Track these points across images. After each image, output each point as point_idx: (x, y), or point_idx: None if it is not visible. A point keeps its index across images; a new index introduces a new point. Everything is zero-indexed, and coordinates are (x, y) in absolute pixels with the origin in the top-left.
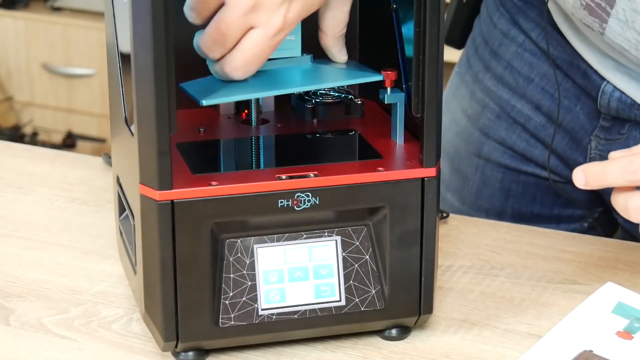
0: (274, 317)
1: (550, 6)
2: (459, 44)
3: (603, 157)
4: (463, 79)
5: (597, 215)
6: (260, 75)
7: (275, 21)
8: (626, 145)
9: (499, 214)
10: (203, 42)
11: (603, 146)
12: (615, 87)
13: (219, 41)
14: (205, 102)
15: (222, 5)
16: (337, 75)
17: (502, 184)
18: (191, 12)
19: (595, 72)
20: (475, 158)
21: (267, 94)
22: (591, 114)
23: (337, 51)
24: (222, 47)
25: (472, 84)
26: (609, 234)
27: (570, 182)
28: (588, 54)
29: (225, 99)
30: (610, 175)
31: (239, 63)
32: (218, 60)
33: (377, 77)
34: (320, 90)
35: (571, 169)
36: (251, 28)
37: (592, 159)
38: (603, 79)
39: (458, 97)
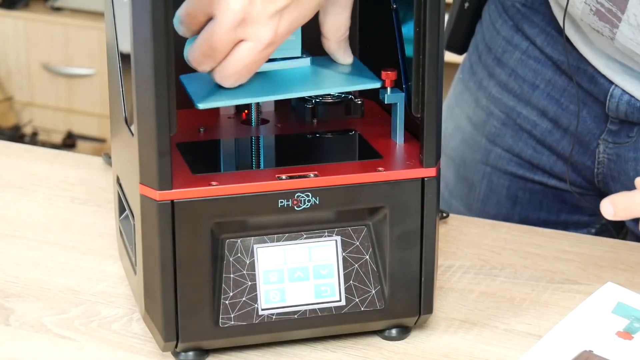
0: (274, 317)
1: (556, 11)
2: (460, 50)
3: (611, 160)
4: (467, 85)
5: (604, 220)
6: (260, 78)
7: (265, 35)
8: (635, 148)
9: (506, 221)
10: (193, 55)
11: (611, 149)
12: (623, 90)
13: (209, 55)
14: (201, 106)
15: (211, 18)
16: (336, 80)
17: (509, 192)
18: (180, 25)
19: (603, 76)
20: (482, 165)
21: (265, 99)
22: (598, 117)
23: (342, 55)
24: (212, 60)
25: (477, 91)
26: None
27: (579, 187)
28: (595, 58)
29: (223, 102)
30: (639, 206)
31: (229, 73)
32: (209, 72)
33: (375, 84)
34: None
35: (579, 174)
36: (241, 41)
37: (600, 163)
38: (611, 82)
39: (462, 104)
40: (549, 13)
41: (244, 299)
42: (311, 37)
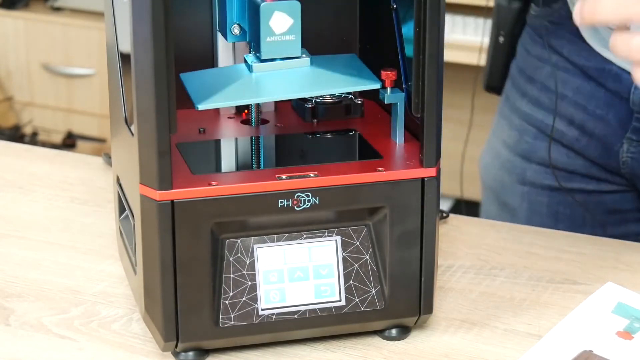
0: (274, 317)
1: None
2: (499, 90)
3: (634, 159)
4: (502, 112)
5: None
6: (260, 78)
7: None
8: None
9: None
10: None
11: (635, 148)
12: None
13: None
14: (201, 107)
15: None
16: (336, 80)
17: (550, 209)
18: None
19: (626, 72)
20: (520, 186)
21: (265, 99)
22: (623, 119)
23: None
24: None
25: (510, 115)
26: None
27: (614, 184)
28: (614, 56)
29: (223, 103)
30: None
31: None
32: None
33: (375, 85)
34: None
35: (610, 173)
36: None
37: (624, 163)
38: None
39: (498, 132)
40: (572, 24)
41: (244, 299)
42: (311, 37)
